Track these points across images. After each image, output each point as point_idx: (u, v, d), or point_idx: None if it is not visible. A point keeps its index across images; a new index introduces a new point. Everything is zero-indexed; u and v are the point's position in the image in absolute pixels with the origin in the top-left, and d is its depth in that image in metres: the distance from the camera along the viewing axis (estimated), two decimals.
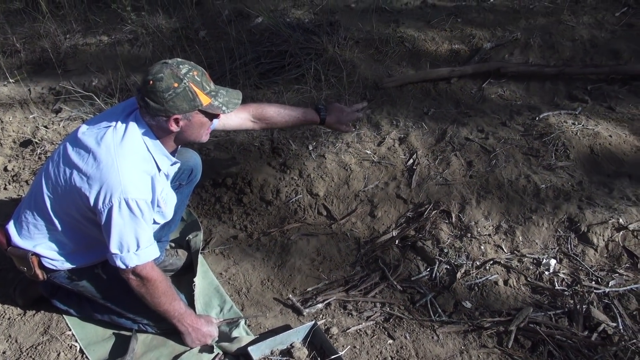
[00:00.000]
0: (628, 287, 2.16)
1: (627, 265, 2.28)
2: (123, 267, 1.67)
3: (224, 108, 1.70)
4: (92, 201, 1.61)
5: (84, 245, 1.82)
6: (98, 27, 4.32)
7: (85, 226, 1.74)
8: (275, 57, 3.60)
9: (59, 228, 1.75)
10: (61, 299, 2.04)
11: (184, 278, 2.32)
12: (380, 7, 4.11)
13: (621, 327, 2.01)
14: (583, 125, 2.99)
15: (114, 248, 1.64)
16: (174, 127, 1.66)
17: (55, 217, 1.73)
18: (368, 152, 2.87)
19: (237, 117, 2.08)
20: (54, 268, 1.83)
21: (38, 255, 1.80)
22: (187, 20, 4.20)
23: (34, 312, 2.13)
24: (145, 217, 1.65)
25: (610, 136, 2.92)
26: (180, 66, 1.62)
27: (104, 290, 1.92)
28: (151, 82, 1.59)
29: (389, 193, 2.66)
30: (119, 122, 1.69)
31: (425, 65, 3.56)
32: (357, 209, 2.63)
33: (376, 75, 3.41)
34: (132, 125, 1.67)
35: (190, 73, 1.62)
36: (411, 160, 2.81)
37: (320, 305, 2.16)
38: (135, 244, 1.66)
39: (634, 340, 1.96)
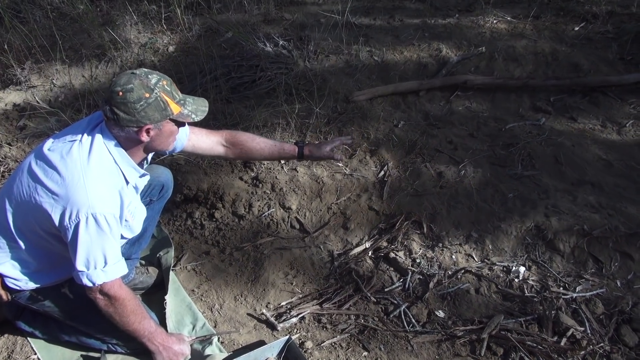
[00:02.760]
0: (594, 292, 2.22)
1: (592, 270, 2.35)
2: (90, 284, 1.63)
3: (193, 116, 1.69)
4: (57, 218, 1.56)
5: (48, 263, 1.76)
6: (64, 41, 4.24)
7: (50, 243, 1.69)
8: (245, 71, 3.60)
9: (23, 246, 1.69)
10: (26, 320, 1.97)
11: (155, 296, 2.27)
12: (349, 22, 4.17)
13: (589, 331, 2.06)
14: (547, 136, 3.09)
15: (80, 265, 1.60)
16: (144, 137, 1.64)
17: (19, 234, 1.68)
18: (340, 164, 2.89)
19: (208, 140, 2.05)
20: (18, 288, 1.77)
21: (1, 275, 1.74)
22: (157, 35, 4.17)
23: None
24: (113, 233, 1.61)
25: (573, 146, 3.02)
26: (149, 76, 1.60)
27: (70, 310, 1.86)
28: (121, 93, 1.56)
29: (361, 205, 2.68)
30: (85, 136, 1.65)
31: (394, 78, 3.62)
32: (330, 222, 2.64)
33: (346, 88, 3.45)
34: (98, 138, 1.64)
35: (160, 82, 1.61)
36: (382, 172, 2.85)
37: (294, 320, 2.15)
38: (103, 261, 1.61)
39: (602, 344, 2.01)
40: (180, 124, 1.72)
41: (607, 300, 2.20)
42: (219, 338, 2.06)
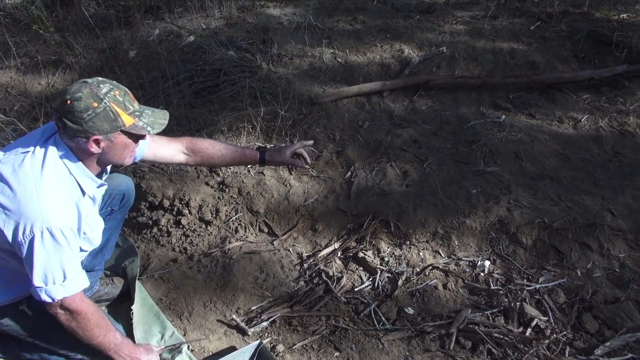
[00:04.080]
0: (556, 282, 2.30)
1: (554, 261, 2.42)
2: (49, 300, 1.57)
3: (149, 128, 1.64)
4: (10, 234, 1.50)
5: (4, 281, 1.69)
6: (19, 48, 4.11)
7: (5, 260, 1.62)
8: (209, 75, 3.57)
9: None
10: None
11: (121, 307, 2.22)
12: (312, 25, 4.18)
13: (552, 321, 2.12)
14: (507, 132, 3.17)
15: (37, 281, 1.54)
16: (94, 149, 1.58)
17: None
18: (306, 166, 2.89)
19: (169, 148, 2.01)
20: None
21: None
22: (116, 41, 4.09)
23: None
24: (71, 246, 1.56)
25: (532, 141, 3.11)
26: (101, 85, 1.55)
27: (30, 328, 1.79)
28: (69, 101, 1.50)
29: (329, 206, 2.69)
30: (38, 147, 1.59)
31: (358, 79, 3.65)
32: (299, 224, 2.64)
33: (311, 90, 3.46)
34: (52, 149, 1.58)
35: (112, 92, 1.55)
36: (349, 173, 2.86)
37: (265, 324, 2.14)
38: (62, 275, 1.56)
39: (565, 332, 2.07)
40: (136, 136, 1.66)
41: (568, 290, 2.27)
42: (188, 346, 2.02)
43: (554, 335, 2.05)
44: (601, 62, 3.92)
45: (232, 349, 2.02)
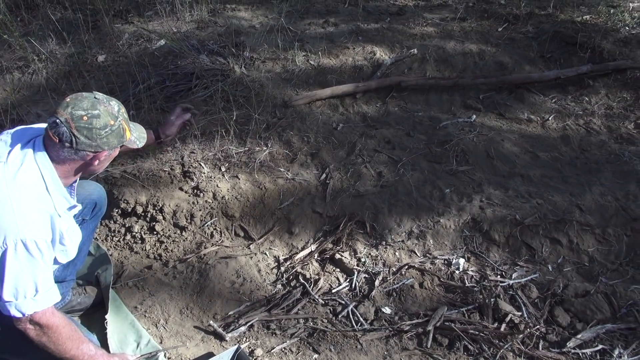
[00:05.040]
0: (529, 278, 2.35)
1: (526, 257, 2.48)
2: (19, 315, 1.51)
3: (138, 142, 1.76)
4: None
5: None
6: None
7: None
8: (180, 79, 3.53)
9: None
10: None
11: (95, 316, 2.18)
12: (284, 28, 4.18)
13: (526, 315, 2.17)
14: (478, 132, 3.23)
15: (7, 295, 1.48)
16: (96, 163, 1.64)
17: None
18: (281, 169, 2.89)
19: None
20: None
21: None
22: (84, 45, 4.00)
23: None
24: (44, 258, 1.51)
25: (503, 140, 3.18)
26: (111, 103, 1.61)
27: (0, 343, 1.74)
28: (86, 117, 1.52)
29: (305, 209, 2.69)
30: (11, 156, 1.55)
31: (331, 82, 3.67)
32: (275, 227, 2.63)
33: (284, 93, 3.46)
34: (30, 159, 1.54)
35: (121, 110, 1.65)
36: (324, 175, 2.87)
37: (243, 328, 2.12)
38: (34, 289, 1.51)
39: (538, 326, 2.12)
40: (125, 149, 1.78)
41: (540, 285, 2.33)
42: (165, 354, 2.00)
43: (528, 329, 2.10)
44: (566, 62, 4.04)
45: (209, 355, 2.00)
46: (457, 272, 2.39)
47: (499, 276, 2.37)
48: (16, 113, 3.37)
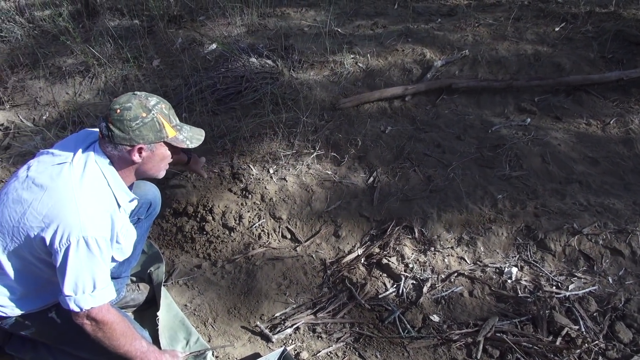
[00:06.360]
0: (587, 290, 2.23)
1: (584, 268, 2.36)
2: (77, 310, 1.59)
3: (187, 142, 1.73)
4: (48, 241, 1.53)
5: (35, 288, 1.72)
6: (47, 59, 4.22)
7: (38, 268, 1.65)
8: (231, 82, 3.59)
9: (9, 272, 1.65)
10: (15, 346, 1.92)
11: (147, 312, 2.25)
12: (333, 31, 4.19)
13: (583, 330, 2.06)
14: (533, 135, 3.11)
15: (68, 290, 1.56)
16: (136, 158, 1.65)
17: (5, 260, 1.63)
18: (329, 172, 2.89)
19: None
20: (4, 315, 1.73)
21: None
22: (140, 50, 4.16)
23: None
24: (103, 256, 1.58)
25: (559, 144, 3.04)
26: (149, 98, 1.64)
27: (59, 335, 1.82)
28: (119, 110, 1.59)
29: (352, 212, 2.67)
30: (76, 157, 1.63)
31: (379, 84, 3.64)
32: (321, 230, 2.63)
33: (332, 96, 3.46)
34: (92, 159, 1.63)
35: (159, 105, 1.65)
36: (371, 178, 2.85)
37: (289, 330, 2.13)
38: (92, 285, 1.58)
39: (597, 342, 2.01)
40: (174, 149, 1.75)
41: (599, 298, 2.20)
42: (213, 352, 2.03)
43: (586, 344, 2.00)
44: (630, 63, 3.82)
45: (256, 355, 2.02)
46: (509, 281, 2.31)
47: (554, 287, 2.27)
48: (77, 115, 3.54)
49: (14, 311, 1.73)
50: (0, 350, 1.97)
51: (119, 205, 1.69)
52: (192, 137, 1.76)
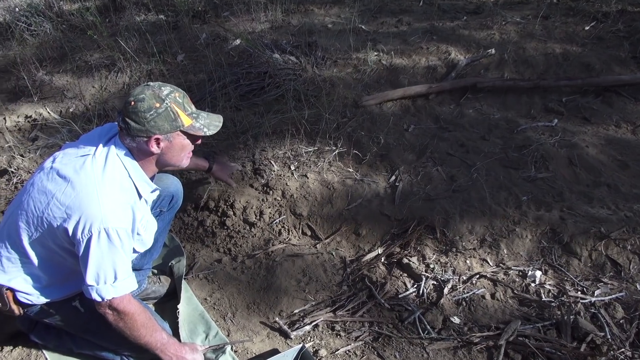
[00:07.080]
0: (613, 296, 2.18)
1: (611, 274, 2.30)
2: (99, 299, 1.61)
3: (205, 130, 1.71)
4: (70, 231, 1.56)
5: (59, 278, 1.75)
6: (74, 53, 4.29)
7: (62, 257, 1.68)
8: (254, 78, 3.60)
9: (34, 260, 1.69)
10: (39, 333, 1.97)
11: (167, 305, 2.26)
12: (357, 28, 4.16)
13: (609, 337, 2.01)
14: (560, 137, 3.05)
15: (90, 279, 1.59)
16: (154, 149, 1.65)
17: (30, 249, 1.67)
18: (350, 170, 2.87)
19: None
20: (30, 303, 1.76)
21: (13, 290, 1.74)
22: (165, 45, 4.20)
23: (11, 348, 2.05)
24: (124, 247, 1.60)
25: (587, 147, 2.97)
26: (162, 88, 1.63)
27: (82, 323, 1.85)
28: (133, 102, 1.59)
29: (373, 210, 2.65)
30: (98, 149, 1.66)
31: (403, 82, 3.60)
32: (342, 228, 2.62)
33: (355, 93, 3.44)
34: (113, 152, 1.65)
35: (172, 94, 1.64)
36: (393, 177, 2.82)
37: (307, 327, 2.13)
38: (113, 276, 1.60)
39: (623, 349, 1.96)
40: (193, 138, 1.73)
41: (626, 304, 2.15)
42: (232, 347, 2.04)
43: (612, 352, 1.94)
44: None
45: (274, 351, 2.02)
46: (532, 284, 2.26)
47: (579, 292, 2.22)
48: (102, 108, 3.59)
49: (39, 299, 1.76)
50: (25, 338, 2.01)
51: (140, 196, 1.70)
52: (209, 124, 1.72)
